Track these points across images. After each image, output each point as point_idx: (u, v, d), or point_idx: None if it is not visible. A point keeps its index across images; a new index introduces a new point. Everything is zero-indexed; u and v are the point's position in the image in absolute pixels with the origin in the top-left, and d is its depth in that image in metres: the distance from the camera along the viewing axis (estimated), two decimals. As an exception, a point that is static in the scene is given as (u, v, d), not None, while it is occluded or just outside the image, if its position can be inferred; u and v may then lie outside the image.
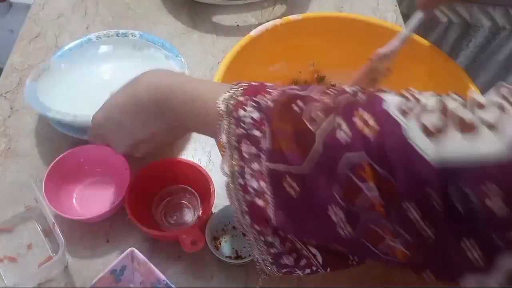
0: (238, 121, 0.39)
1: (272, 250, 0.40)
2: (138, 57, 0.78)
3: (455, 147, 0.30)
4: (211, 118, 0.42)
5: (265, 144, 0.38)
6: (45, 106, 0.67)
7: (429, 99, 0.34)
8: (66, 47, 0.76)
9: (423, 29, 0.94)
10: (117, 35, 0.79)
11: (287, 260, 0.40)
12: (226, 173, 0.40)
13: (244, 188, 0.38)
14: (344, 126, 0.34)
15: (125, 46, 0.79)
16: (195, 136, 0.75)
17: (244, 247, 0.62)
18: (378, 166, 0.32)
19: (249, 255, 0.60)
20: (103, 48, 0.79)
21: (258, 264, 0.42)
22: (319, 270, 0.40)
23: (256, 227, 0.39)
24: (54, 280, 0.60)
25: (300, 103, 0.38)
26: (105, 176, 0.67)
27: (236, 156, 0.39)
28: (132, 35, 0.79)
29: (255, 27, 0.63)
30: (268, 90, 0.41)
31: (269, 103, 0.39)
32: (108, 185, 0.67)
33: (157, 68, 0.51)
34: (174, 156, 0.71)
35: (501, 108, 0.30)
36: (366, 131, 0.33)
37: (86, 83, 0.76)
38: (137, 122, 0.49)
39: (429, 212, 0.31)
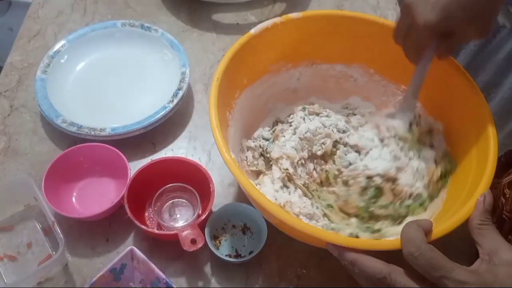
0: None
1: None
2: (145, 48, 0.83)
3: None
4: None
5: None
6: (54, 109, 0.70)
7: None
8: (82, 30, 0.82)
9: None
10: (142, 27, 0.82)
11: None
12: None
13: None
14: None
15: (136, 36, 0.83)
16: (195, 135, 0.75)
17: (244, 246, 0.62)
18: None
19: (249, 254, 0.60)
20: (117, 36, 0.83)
21: None
22: None
23: None
24: (54, 279, 0.60)
25: None
26: (105, 175, 0.67)
27: None
28: (155, 31, 0.82)
29: (255, 25, 0.63)
30: None
31: None
32: (107, 184, 0.67)
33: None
34: (174, 155, 0.71)
35: None
36: None
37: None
38: None
39: None
